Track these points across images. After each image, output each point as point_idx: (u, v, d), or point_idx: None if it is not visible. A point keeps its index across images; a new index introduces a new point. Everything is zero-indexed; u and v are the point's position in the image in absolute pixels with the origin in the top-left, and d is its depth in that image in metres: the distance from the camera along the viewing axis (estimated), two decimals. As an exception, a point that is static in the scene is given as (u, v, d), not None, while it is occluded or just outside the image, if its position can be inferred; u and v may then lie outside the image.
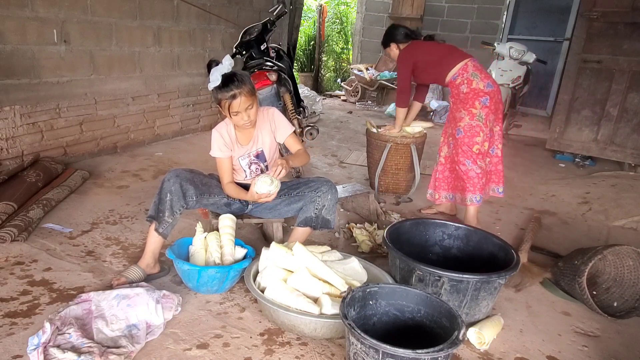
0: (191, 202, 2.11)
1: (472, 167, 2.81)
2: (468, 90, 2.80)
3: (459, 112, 2.84)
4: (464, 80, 2.82)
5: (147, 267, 2.12)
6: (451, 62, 2.89)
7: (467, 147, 2.81)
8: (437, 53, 2.98)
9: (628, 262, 2.31)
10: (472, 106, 2.79)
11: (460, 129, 2.83)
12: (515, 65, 5.35)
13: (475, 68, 2.85)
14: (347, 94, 8.25)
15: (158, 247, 2.14)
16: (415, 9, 7.66)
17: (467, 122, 2.80)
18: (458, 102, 2.86)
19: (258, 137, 2.29)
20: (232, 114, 2.10)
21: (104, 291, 1.83)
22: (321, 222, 2.26)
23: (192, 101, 4.86)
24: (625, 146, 4.53)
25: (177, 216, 2.09)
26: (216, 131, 2.26)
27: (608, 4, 4.34)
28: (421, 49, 3.03)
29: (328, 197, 2.24)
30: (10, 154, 3.21)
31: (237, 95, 2.04)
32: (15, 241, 2.33)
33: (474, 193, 2.84)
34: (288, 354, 1.74)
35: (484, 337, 1.86)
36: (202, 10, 4.66)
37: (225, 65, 2.10)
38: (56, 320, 1.63)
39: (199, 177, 2.20)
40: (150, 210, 2.13)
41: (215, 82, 2.06)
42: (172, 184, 2.06)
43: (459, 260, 2.32)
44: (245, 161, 2.32)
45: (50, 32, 3.34)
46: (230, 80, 2.05)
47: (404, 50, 3.06)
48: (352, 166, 4.33)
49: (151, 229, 2.10)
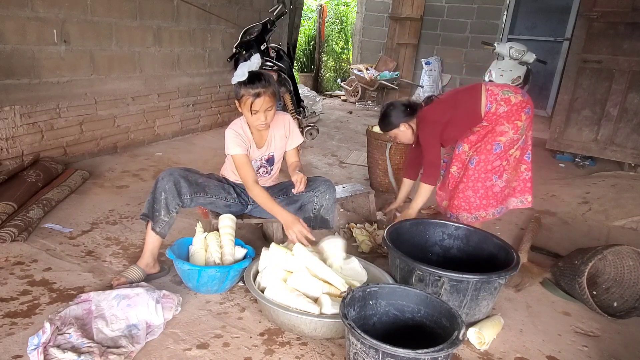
0: (186, 199, 2.09)
1: (497, 182, 2.71)
2: (509, 108, 2.61)
3: (501, 125, 2.62)
4: (500, 102, 2.62)
5: (147, 267, 2.12)
6: (474, 98, 2.65)
7: (500, 161, 2.66)
8: (453, 103, 2.70)
9: (628, 262, 2.31)
10: (518, 119, 2.61)
11: (500, 144, 2.63)
12: (515, 65, 5.35)
13: (498, 87, 2.70)
14: (347, 94, 8.25)
15: (157, 247, 2.13)
16: (415, 9, 7.66)
17: (510, 137, 2.63)
18: (498, 119, 2.63)
19: (272, 140, 2.27)
20: (252, 111, 2.07)
21: (104, 291, 1.83)
22: (320, 222, 2.26)
23: (192, 101, 4.86)
24: (625, 146, 4.53)
25: (173, 214, 2.07)
26: (231, 129, 2.21)
27: (608, 4, 4.34)
28: (437, 112, 2.69)
29: (326, 196, 2.23)
30: (10, 154, 3.21)
31: (262, 94, 2.03)
32: (15, 241, 2.33)
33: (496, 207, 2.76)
34: (288, 354, 1.74)
35: (484, 337, 1.86)
36: (202, 10, 4.66)
37: (254, 62, 2.09)
38: (56, 320, 1.63)
39: (194, 176, 2.17)
40: (144, 209, 2.11)
41: (241, 77, 2.04)
42: (165, 183, 2.04)
43: (459, 261, 2.32)
44: (257, 164, 2.31)
45: (50, 32, 3.34)
46: (258, 78, 2.04)
47: (424, 124, 2.70)
48: (352, 166, 4.32)
49: (148, 228, 2.09)
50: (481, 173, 2.67)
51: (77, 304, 1.76)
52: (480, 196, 2.70)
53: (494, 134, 2.63)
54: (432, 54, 7.73)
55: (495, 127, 2.63)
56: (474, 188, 2.70)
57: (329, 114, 6.86)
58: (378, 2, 8.15)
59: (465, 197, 2.72)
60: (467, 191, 2.70)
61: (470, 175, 2.69)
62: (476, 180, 2.69)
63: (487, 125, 2.65)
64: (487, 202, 2.72)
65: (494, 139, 2.63)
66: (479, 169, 2.67)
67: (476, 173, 2.68)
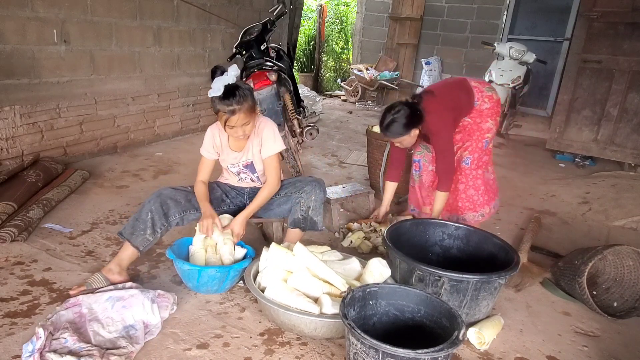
0: (174, 220, 2.10)
1: (489, 175, 2.78)
2: (491, 104, 2.66)
3: (486, 122, 2.66)
4: (484, 99, 2.65)
5: (109, 273, 2.02)
6: (469, 95, 2.63)
7: (487, 156, 2.71)
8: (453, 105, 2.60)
9: (628, 262, 2.31)
10: (498, 114, 2.70)
11: (487, 140, 2.69)
12: (515, 65, 5.36)
13: (479, 83, 2.71)
14: (347, 94, 8.25)
15: (127, 259, 2.05)
16: (415, 9, 7.66)
17: (493, 133, 2.70)
18: (482, 116, 2.66)
19: (249, 147, 2.25)
20: (227, 126, 2.07)
21: (93, 294, 1.83)
22: (309, 224, 2.26)
23: (192, 101, 4.86)
24: (625, 146, 4.53)
25: (157, 235, 2.06)
26: (211, 130, 2.25)
27: (608, 4, 4.34)
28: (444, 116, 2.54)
29: (312, 197, 2.21)
30: (10, 154, 3.21)
31: (236, 111, 2.01)
32: (15, 241, 2.33)
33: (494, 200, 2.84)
34: (288, 354, 1.74)
35: (484, 337, 1.86)
36: (202, 10, 4.66)
37: (230, 75, 2.05)
38: (48, 326, 1.61)
39: (183, 194, 2.15)
40: (125, 226, 2.05)
41: (216, 92, 2.01)
42: (152, 204, 2.05)
43: (459, 261, 2.32)
44: (235, 169, 2.31)
45: (50, 32, 3.34)
46: (232, 94, 1.99)
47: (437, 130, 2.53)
48: (352, 166, 4.32)
49: (126, 242, 2.04)
50: (478, 170, 2.72)
51: (67, 308, 1.75)
52: (482, 193, 2.75)
53: (482, 131, 2.69)
54: (432, 54, 7.73)
55: (481, 124, 2.68)
56: (475, 186, 2.73)
57: (329, 114, 6.86)
58: (378, 2, 8.15)
59: (468, 197, 2.74)
60: (469, 190, 2.72)
61: (468, 175, 2.72)
62: (475, 178, 2.72)
63: (468, 122, 2.68)
64: (488, 197, 2.78)
65: (482, 136, 2.69)
66: (475, 166, 2.71)
67: (474, 171, 2.72)
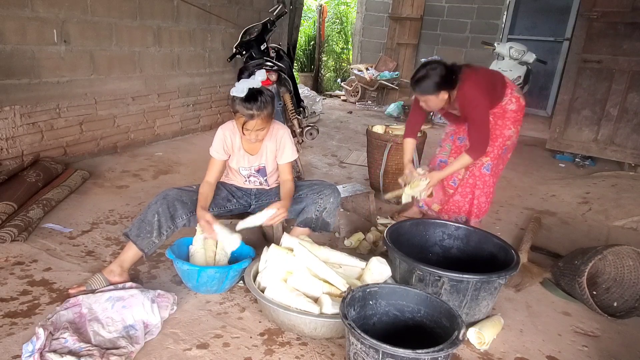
0: (181, 221, 2.09)
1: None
2: (517, 107, 2.60)
3: (508, 129, 2.62)
4: (512, 99, 2.59)
5: (110, 274, 2.01)
6: (503, 87, 2.57)
7: (502, 165, 2.70)
8: (492, 87, 2.54)
9: (628, 262, 2.31)
10: (520, 122, 2.64)
11: (507, 147, 2.68)
12: (515, 65, 5.35)
13: (512, 83, 2.66)
14: (347, 94, 8.25)
15: (130, 260, 2.05)
16: (415, 9, 7.67)
17: (513, 142, 2.66)
18: (504, 118, 2.62)
19: (264, 151, 2.25)
20: (243, 130, 2.07)
21: (93, 294, 1.83)
22: (321, 225, 2.26)
23: (192, 101, 4.86)
24: (625, 146, 4.53)
25: (163, 237, 2.05)
26: (222, 131, 2.21)
27: (608, 4, 4.34)
28: (483, 90, 2.45)
29: (330, 200, 2.23)
30: (10, 154, 3.21)
31: (255, 117, 2.00)
32: (15, 241, 2.33)
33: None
34: (288, 354, 1.74)
35: (484, 337, 1.86)
36: (202, 10, 4.65)
37: (257, 80, 2.06)
38: (48, 326, 1.61)
39: (189, 195, 2.14)
40: (130, 227, 2.04)
41: (239, 93, 2.01)
42: (159, 205, 2.03)
43: (459, 261, 2.32)
44: (246, 172, 2.30)
45: (50, 32, 3.34)
46: (255, 98, 1.99)
47: (476, 100, 2.42)
48: (352, 166, 4.32)
49: (130, 243, 2.03)
50: (494, 178, 2.71)
51: (67, 308, 1.75)
52: (489, 200, 2.76)
53: (504, 138, 2.64)
54: (432, 54, 7.72)
55: (503, 130, 2.62)
56: (487, 194, 2.73)
57: (329, 114, 6.86)
58: (378, 2, 8.15)
59: (480, 203, 2.74)
60: (482, 197, 2.73)
61: (487, 182, 2.70)
62: (490, 186, 2.72)
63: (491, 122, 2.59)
64: (489, 205, 2.80)
65: (504, 143, 2.65)
66: (493, 173, 2.69)
67: (491, 179, 2.70)
